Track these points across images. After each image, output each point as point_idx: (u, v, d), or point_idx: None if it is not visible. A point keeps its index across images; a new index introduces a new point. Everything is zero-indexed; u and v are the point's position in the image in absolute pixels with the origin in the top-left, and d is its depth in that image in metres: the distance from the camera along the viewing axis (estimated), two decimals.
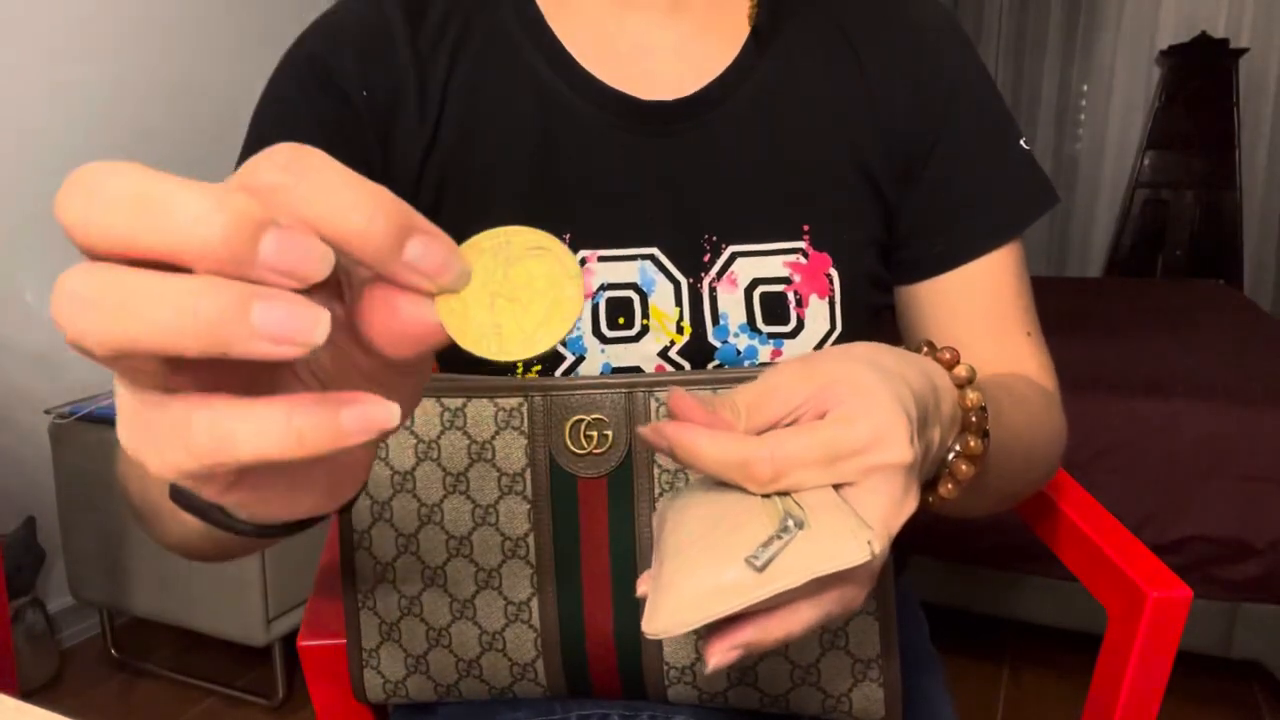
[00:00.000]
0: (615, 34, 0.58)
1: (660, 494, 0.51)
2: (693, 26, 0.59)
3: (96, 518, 1.69)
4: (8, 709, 0.42)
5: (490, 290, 0.24)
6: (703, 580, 0.32)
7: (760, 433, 0.36)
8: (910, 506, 0.36)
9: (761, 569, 0.31)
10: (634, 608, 0.52)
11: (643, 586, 0.36)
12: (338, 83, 0.55)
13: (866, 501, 0.34)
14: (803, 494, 0.34)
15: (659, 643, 0.52)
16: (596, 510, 0.51)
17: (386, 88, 0.56)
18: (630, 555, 0.51)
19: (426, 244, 0.22)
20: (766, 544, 0.32)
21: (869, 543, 0.32)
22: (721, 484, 0.36)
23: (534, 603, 0.52)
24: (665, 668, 0.52)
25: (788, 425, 0.36)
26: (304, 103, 0.55)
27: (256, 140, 0.56)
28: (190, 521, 0.34)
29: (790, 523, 0.32)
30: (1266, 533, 1.45)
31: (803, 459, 0.34)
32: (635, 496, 0.51)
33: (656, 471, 0.51)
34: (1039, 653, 1.77)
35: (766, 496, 0.35)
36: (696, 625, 0.32)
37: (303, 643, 0.60)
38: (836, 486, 0.35)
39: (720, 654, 0.33)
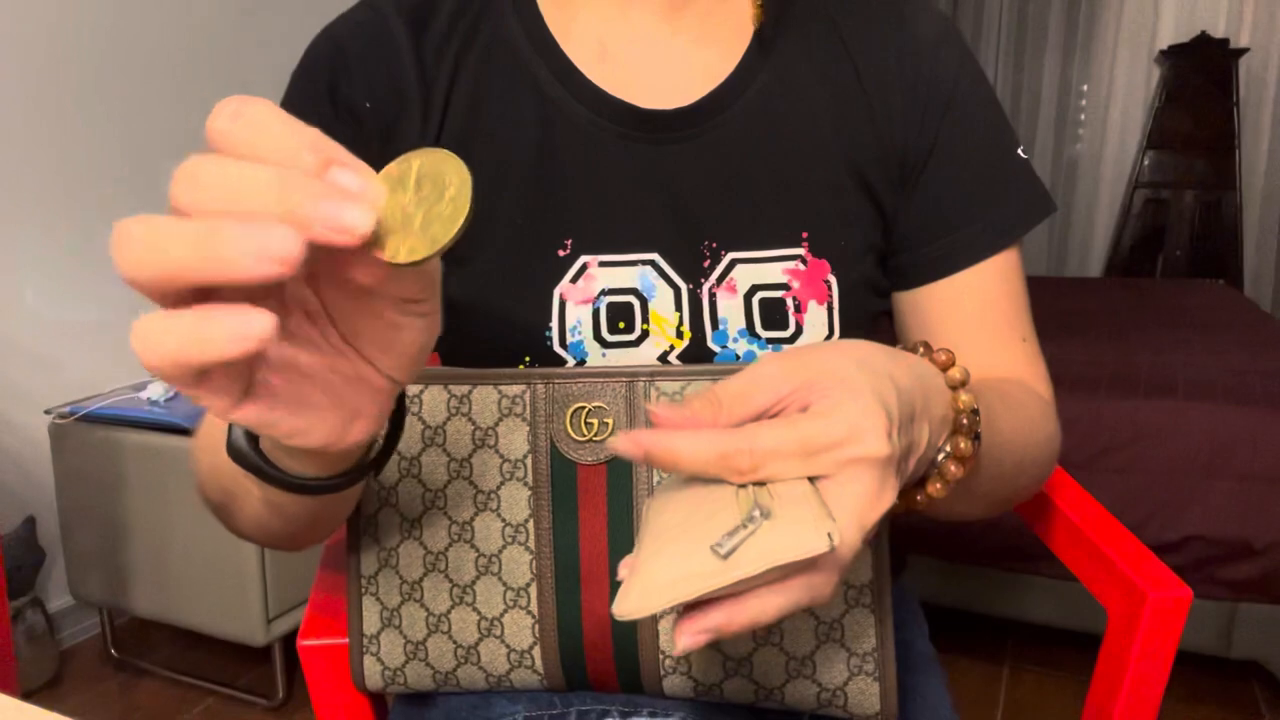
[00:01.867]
0: (616, 42, 0.59)
1: (659, 482, 0.51)
2: (692, 35, 0.59)
3: (96, 518, 1.69)
4: (8, 709, 0.42)
5: (401, 205, 0.28)
6: (670, 566, 0.33)
7: (743, 424, 0.37)
8: (887, 501, 0.36)
9: (725, 557, 0.33)
10: None
11: (623, 570, 0.37)
12: (343, 95, 0.56)
13: (840, 494, 0.35)
14: (777, 485, 0.35)
15: (655, 632, 0.52)
16: (596, 497, 0.52)
17: (390, 96, 0.57)
18: (628, 542, 0.52)
19: (345, 170, 0.27)
20: (732, 533, 0.33)
21: (829, 534, 0.32)
22: None
23: (532, 589, 0.52)
24: (661, 658, 0.52)
25: (772, 417, 0.37)
26: (311, 116, 0.56)
27: None
28: (255, 492, 0.41)
29: (757, 512, 0.33)
30: (1266, 533, 1.45)
31: (779, 450, 0.35)
32: (634, 484, 0.52)
33: None
34: (1039, 653, 1.78)
35: (743, 487, 0.36)
36: (661, 609, 0.33)
37: (303, 642, 0.60)
38: (814, 479, 0.36)
39: (689, 636, 0.34)
